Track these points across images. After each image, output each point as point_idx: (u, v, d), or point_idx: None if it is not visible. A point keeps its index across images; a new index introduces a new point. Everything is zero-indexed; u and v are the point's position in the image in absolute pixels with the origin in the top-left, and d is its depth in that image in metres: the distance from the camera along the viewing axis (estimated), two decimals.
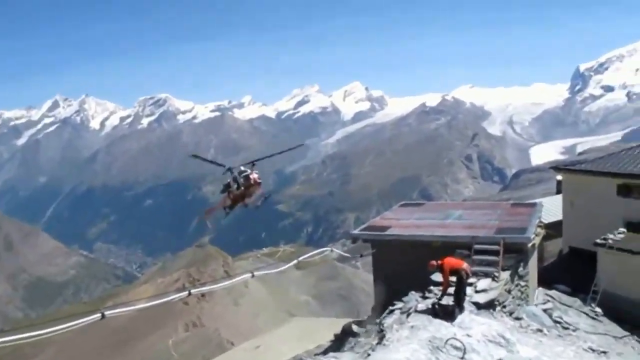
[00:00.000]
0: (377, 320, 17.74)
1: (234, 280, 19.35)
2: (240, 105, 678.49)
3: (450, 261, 16.47)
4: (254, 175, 25.75)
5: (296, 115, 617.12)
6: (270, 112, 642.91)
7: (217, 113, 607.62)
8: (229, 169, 26.51)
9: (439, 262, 16.50)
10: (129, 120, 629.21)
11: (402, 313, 16.79)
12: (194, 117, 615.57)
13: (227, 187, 26.01)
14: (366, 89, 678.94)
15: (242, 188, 24.85)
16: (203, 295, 66.15)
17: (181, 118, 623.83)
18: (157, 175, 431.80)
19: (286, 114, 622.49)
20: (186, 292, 16.38)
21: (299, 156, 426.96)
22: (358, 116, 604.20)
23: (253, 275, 18.44)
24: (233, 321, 68.25)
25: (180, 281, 75.77)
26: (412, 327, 15.23)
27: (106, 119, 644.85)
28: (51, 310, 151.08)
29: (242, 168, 26.04)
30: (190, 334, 64.33)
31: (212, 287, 24.97)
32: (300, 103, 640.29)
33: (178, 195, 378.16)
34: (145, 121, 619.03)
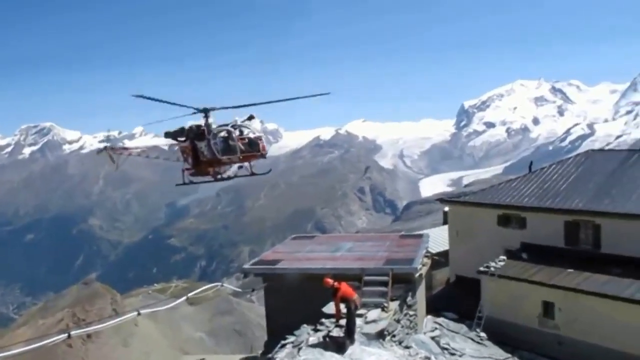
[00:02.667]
0: (269, 356, 17.48)
1: (119, 319, 18.40)
2: (132, 136, 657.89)
3: (345, 288, 16.61)
4: (264, 143, 23.72)
5: None
6: (163, 142, 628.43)
7: (107, 144, 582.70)
8: (204, 112, 23.96)
9: (337, 284, 16.62)
10: (8, 149, 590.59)
11: (294, 347, 16.64)
12: (82, 147, 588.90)
13: (182, 134, 23.20)
14: (261, 122, 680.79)
15: (238, 154, 22.78)
16: (89, 336, 62.45)
17: (67, 148, 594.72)
18: (40, 208, 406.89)
19: (179, 146, 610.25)
20: (65, 335, 15.40)
21: (191, 189, 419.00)
22: None
23: (139, 313, 17.65)
24: None
25: (64, 322, 71.08)
26: None
27: None
28: None
29: (240, 122, 23.46)
30: None
31: (96, 327, 23.60)
32: None
33: (62, 229, 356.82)
34: (27, 151, 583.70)
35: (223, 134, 22.73)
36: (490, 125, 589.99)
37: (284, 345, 17.19)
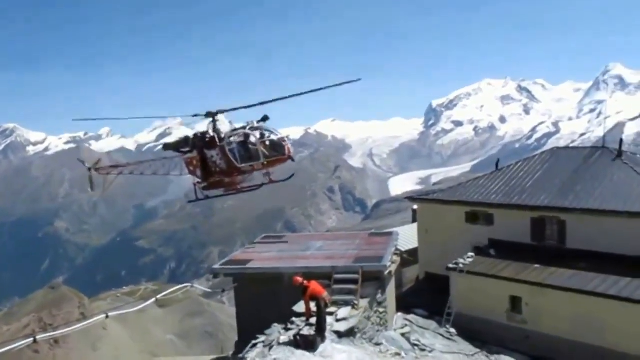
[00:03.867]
0: (240, 356, 17.44)
1: (87, 322, 18.12)
2: (98, 137, 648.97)
3: (314, 286, 16.63)
4: (289, 145, 20.86)
5: (158, 148, 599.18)
6: (130, 144, 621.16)
7: (72, 145, 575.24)
8: (211, 116, 20.96)
9: (306, 282, 16.62)
10: None
11: (264, 346, 16.66)
12: (47, 149, 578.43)
13: (186, 145, 20.68)
14: (230, 122, 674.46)
15: (262, 159, 19.42)
16: (56, 341, 61.40)
17: (31, 150, 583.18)
18: (3, 211, 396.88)
19: (147, 147, 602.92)
20: (31, 339, 15.11)
21: (160, 191, 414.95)
22: None
23: (108, 316, 17.40)
24: None
25: (30, 327, 69.65)
26: (274, 359, 15.11)
27: None
28: None
29: (258, 124, 20.46)
30: None
31: (63, 331, 23.10)
32: (162, 135, 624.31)
33: (27, 233, 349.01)
34: None
35: (239, 138, 20.35)
36: (458, 123, 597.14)
37: (255, 345, 17.20)
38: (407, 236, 35.94)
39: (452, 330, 26.01)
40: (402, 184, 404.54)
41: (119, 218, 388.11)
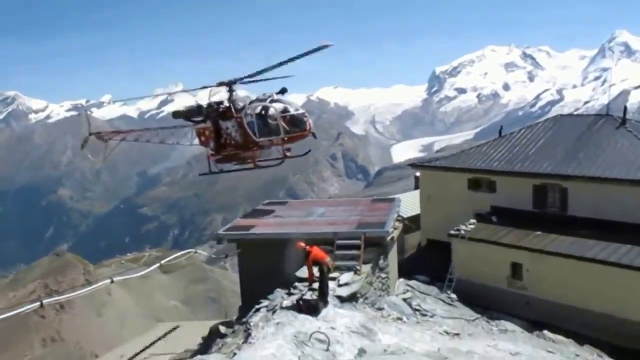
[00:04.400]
0: (244, 320, 17.66)
1: (93, 287, 18.35)
2: (100, 105, 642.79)
3: (317, 251, 16.74)
4: (310, 120, 19.57)
5: (160, 115, 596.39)
6: (132, 111, 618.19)
7: (74, 112, 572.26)
8: (228, 85, 18.84)
9: (308, 247, 16.73)
10: None
11: (268, 311, 16.86)
12: (48, 117, 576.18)
13: (199, 114, 19.57)
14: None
15: (282, 134, 18.75)
16: (62, 306, 62.18)
17: (33, 118, 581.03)
18: (6, 179, 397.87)
19: (149, 114, 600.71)
20: (38, 303, 15.34)
21: (163, 158, 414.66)
22: None
23: (112, 281, 17.69)
24: (96, 332, 64.67)
25: (35, 293, 70.28)
26: (277, 323, 15.30)
27: None
28: None
29: (277, 97, 19.05)
30: (49, 349, 60.08)
31: (69, 295, 23.36)
32: (164, 102, 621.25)
33: (31, 201, 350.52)
34: None
35: (258, 110, 19.62)
36: (461, 91, 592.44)
37: (258, 310, 17.40)
38: (409, 203, 36.10)
39: (453, 295, 26.31)
40: (404, 151, 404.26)
41: (121, 185, 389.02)
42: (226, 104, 19.49)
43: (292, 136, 18.89)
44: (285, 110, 18.53)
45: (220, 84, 19.43)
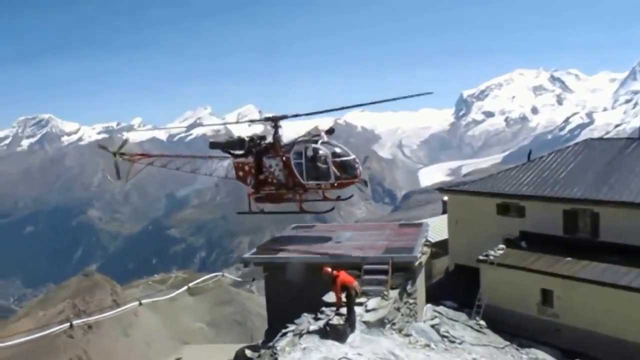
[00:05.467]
0: (270, 344, 17.59)
1: (122, 308, 18.55)
2: (130, 128, 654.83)
3: (344, 276, 16.66)
4: (360, 166, 18.83)
5: (189, 138, 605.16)
6: (161, 134, 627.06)
7: (105, 135, 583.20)
8: (273, 121, 18.08)
9: (335, 272, 16.63)
10: (6, 141, 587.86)
11: (294, 335, 16.77)
12: (80, 139, 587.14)
13: (240, 147, 18.97)
14: (259, 112, 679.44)
15: (332, 179, 18.04)
16: (90, 326, 62.78)
17: (66, 140, 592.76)
18: (39, 200, 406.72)
19: (178, 137, 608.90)
20: (68, 324, 15.54)
21: (191, 180, 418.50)
22: None
23: (141, 304, 17.82)
24: (123, 353, 65.24)
25: (64, 313, 71.29)
26: (304, 348, 15.24)
27: None
28: None
29: (327, 138, 17.96)
30: None
31: (98, 317, 23.62)
32: (193, 126, 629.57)
33: (61, 221, 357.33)
34: (25, 143, 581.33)
35: (308, 151, 18.87)
36: (489, 114, 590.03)
37: (284, 334, 17.32)
38: (437, 227, 35.79)
39: (482, 322, 25.90)
40: (432, 175, 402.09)
41: (150, 207, 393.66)
42: (270, 140, 18.98)
43: (342, 182, 18.26)
44: (337, 155, 17.94)
45: (267, 119, 19.06)
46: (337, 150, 17.84)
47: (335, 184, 18.08)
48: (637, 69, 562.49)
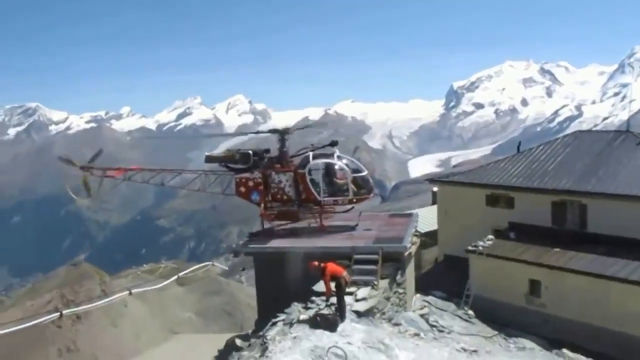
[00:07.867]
0: (260, 333, 17.65)
1: (111, 298, 18.55)
2: (119, 117, 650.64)
3: (332, 267, 16.71)
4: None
5: (178, 128, 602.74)
6: (151, 124, 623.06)
7: (94, 124, 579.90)
8: (281, 134, 16.91)
9: (322, 264, 16.68)
10: None
11: (284, 324, 16.83)
12: (68, 128, 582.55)
13: (244, 161, 17.86)
14: (249, 102, 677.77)
15: (350, 195, 17.65)
16: (78, 316, 62.51)
17: (53, 129, 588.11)
18: (26, 189, 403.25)
19: (167, 126, 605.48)
20: (57, 314, 15.54)
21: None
22: (241, 129, 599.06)
23: (131, 293, 17.83)
24: (112, 343, 64.89)
25: (52, 303, 70.76)
26: (294, 337, 15.29)
27: None
28: None
29: (342, 155, 17.41)
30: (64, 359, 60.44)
31: (88, 306, 23.64)
32: (182, 115, 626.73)
33: (49, 211, 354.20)
34: (12, 131, 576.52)
35: (325, 167, 18.31)
36: (479, 106, 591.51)
37: (275, 323, 17.37)
38: (427, 218, 35.97)
39: (470, 312, 26.11)
40: (421, 166, 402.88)
41: (139, 197, 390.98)
42: (276, 153, 18.48)
43: (359, 198, 18.01)
44: (354, 170, 17.62)
45: (274, 132, 18.44)
46: (354, 166, 17.52)
47: (354, 200, 17.70)
48: (625, 62, 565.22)
